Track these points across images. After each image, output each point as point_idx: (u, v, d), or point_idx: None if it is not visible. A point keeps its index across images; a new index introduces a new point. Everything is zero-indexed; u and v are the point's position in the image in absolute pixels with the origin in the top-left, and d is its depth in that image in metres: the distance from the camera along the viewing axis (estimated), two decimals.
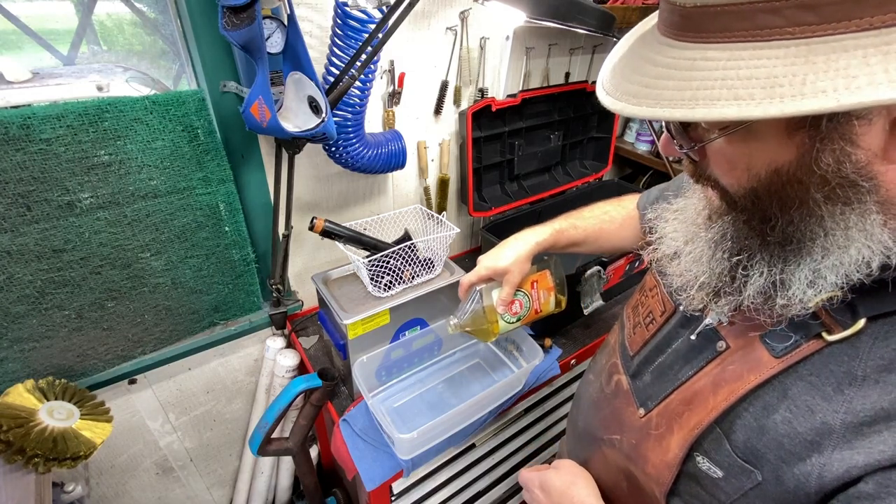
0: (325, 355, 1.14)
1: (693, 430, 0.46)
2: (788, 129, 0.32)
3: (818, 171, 0.32)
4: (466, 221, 1.46)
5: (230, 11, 0.70)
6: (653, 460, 0.51)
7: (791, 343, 0.39)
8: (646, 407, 0.53)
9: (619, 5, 1.25)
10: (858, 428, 0.35)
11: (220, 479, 1.40)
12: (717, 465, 0.45)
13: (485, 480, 1.19)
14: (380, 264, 0.93)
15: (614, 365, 0.62)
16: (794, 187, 0.34)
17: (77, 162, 0.79)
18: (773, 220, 0.36)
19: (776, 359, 0.40)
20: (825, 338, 0.37)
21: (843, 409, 0.36)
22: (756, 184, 0.36)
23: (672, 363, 0.51)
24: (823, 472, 0.36)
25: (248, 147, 0.98)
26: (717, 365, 0.46)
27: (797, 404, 0.39)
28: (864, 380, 0.35)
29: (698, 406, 0.46)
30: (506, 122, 1.30)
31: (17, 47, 0.82)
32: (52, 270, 0.84)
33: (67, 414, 0.84)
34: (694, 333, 0.49)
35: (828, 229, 0.34)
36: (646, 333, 0.57)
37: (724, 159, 0.37)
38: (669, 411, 0.50)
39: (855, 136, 0.30)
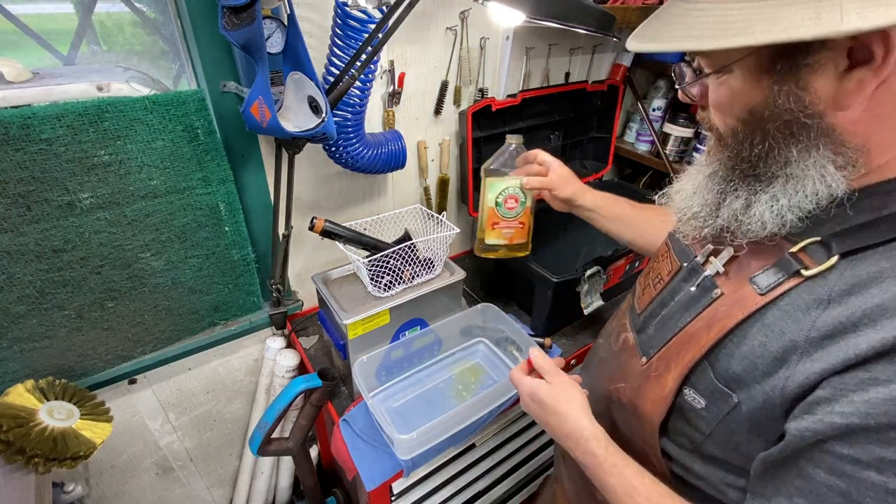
0: (325, 355, 1.14)
1: (686, 366, 0.50)
2: (758, 72, 0.40)
3: (776, 109, 0.40)
4: (466, 221, 1.46)
5: (230, 11, 0.70)
6: (651, 397, 0.55)
7: (774, 281, 0.45)
8: (648, 355, 0.58)
9: (619, 5, 1.25)
10: (819, 342, 0.39)
11: (220, 479, 1.40)
12: (700, 395, 0.49)
13: (485, 480, 1.19)
14: (380, 264, 0.93)
15: (622, 324, 0.67)
16: (761, 125, 0.41)
17: (77, 162, 0.79)
18: (747, 153, 0.43)
19: (761, 296, 0.45)
20: (803, 274, 0.43)
21: (807, 327, 0.41)
22: (737, 123, 0.44)
23: (674, 314, 0.56)
24: (787, 384, 0.41)
25: (248, 147, 0.98)
26: (713, 309, 0.50)
27: (772, 329, 0.44)
28: (830, 302, 0.40)
29: (693, 345, 0.50)
30: (506, 122, 1.30)
31: (17, 47, 0.82)
32: (52, 270, 0.84)
33: (67, 414, 0.84)
34: (695, 285, 0.54)
35: (788, 161, 0.41)
36: (653, 292, 0.62)
37: (716, 101, 0.46)
38: (668, 354, 0.54)
39: (804, 82, 0.38)
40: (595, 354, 0.75)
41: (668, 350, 0.54)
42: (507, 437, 1.17)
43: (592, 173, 1.56)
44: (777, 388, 0.42)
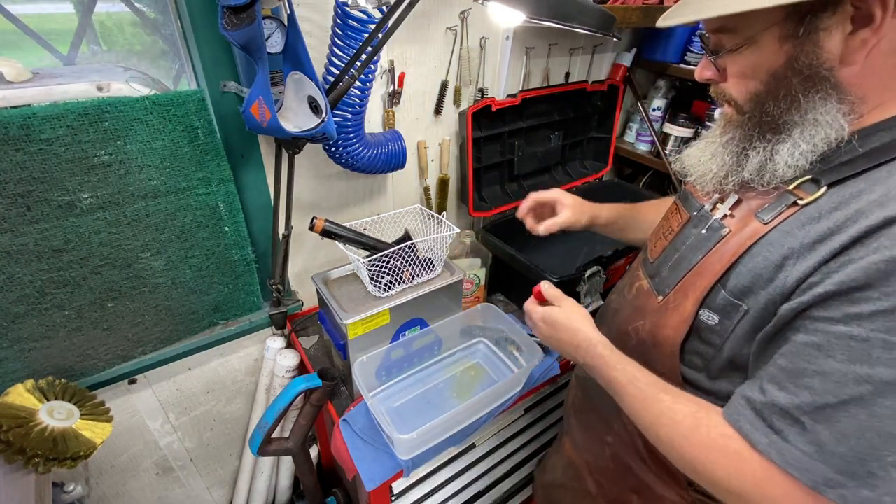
0: (325, 355, 1.14)
1: (703, 291, 0.57)
2: (781, 39, 0.47)
3: (798, 67, 0.47)
4: (466, 221, 1.46)
5: (230, 11, 0.70)
6: (671, 323, 0.62)
7: (776, 213, 0.52)
8: (663, 293, 0.64)
9: (619, 5, 1.24)
10: (811, 245, 0.47)
11: (220, 479, 1.40)
12: (714, 312, 0.57)
13: (485, 480, 1.19)
14: (380, 264, 0.93)
15: (635, 276, 0.74)
16: (783, 83, 0.49)
17: (77, 162, 0.79)
18: (771, 110, 0.51)
19: (765, 224, 0.53)
20: (798, 203, 0.51)
21: (801, 236, 0.49)
22: (760, 87, 0.51)
23: (686, 254, 0.62)
24: (786, 282, 0.48)
25: (248, 147, 0.98)
26: (724, 243, 0.57)
27: (773, 245, 0.51)
28: (819, 218, 0.48)
29: (707, 273, 0.57)
30: (506, 122, 1.30)
31: (17, 47, 0.82)
32: (52, 270, 0.84)
33: (67, 414, 0.84)
34: (705, 228, 0.60)
35: (805, 112, 0.49)
36: (665, 242, 0.69)
37: (738, 71, 0.53)
38: (685, 286, 0.60)
39: (820, 42, 0.46)
40: (607, 309, 0.82)
41: (683, 283, 0.61)
42: (507, 437, 1.17)
43: (592, 173, 1.56)
44: (777, 288, 0.49)
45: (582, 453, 0.86)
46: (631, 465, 0.75)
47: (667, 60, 1.49)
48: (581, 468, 0.87)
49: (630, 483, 0.76)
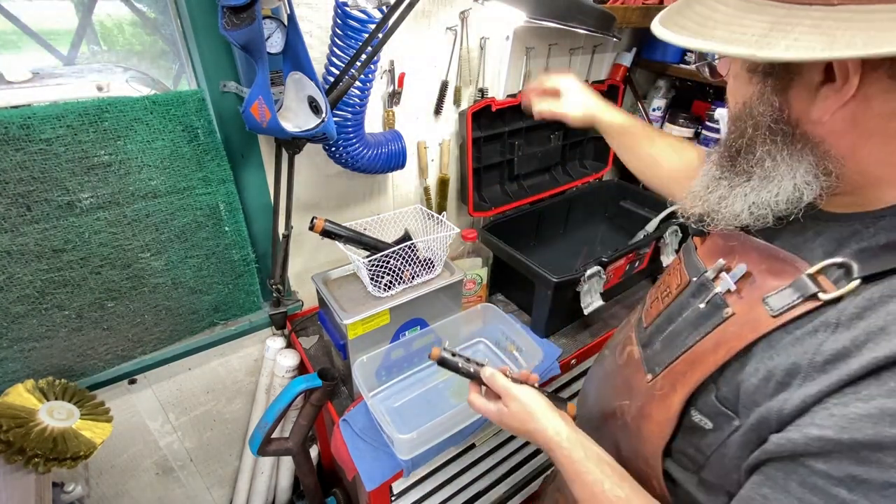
0: (325, 355, 1.14)
1: (692, 387, 0.49)
2: (750, 71, 0.42)
3: (759, 107, 0.42)
4: (466, 221, 1.46)
5: (230, 11, 0.70)
6: (656, 418, 0.54)
7: (788, 304, 0.43)
8: (653, 372, 0.56)
9: (619, 5, 1.24)
10: (822, 366, 0.38)
11: (220, 479, 1.40)
12: (707, 417, 0.49)
13: (485, 480, 1.19)
14: (380, 264, 0.93)
15: (629, 338, 0.66)
16: (747, 119, 0.44)
17: (77, 162, 0.79)
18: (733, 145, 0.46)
19: (773, 318, 0.43)
20: (820, 298, 0.40)
21: (811, 351, 0.39)
22: (735, 112, 0.46)
23: (681, 331, 0.54)
24: (784, 406, 0.40)
25: (248, 147, 0.98)
26: (722, 329, 0.49)
27: (777, 352, 0.42)
28: (838, 327, 0.39)
29: (700, 365, 0.49)
30: (506, 122, 1.30)
31: (17, 47, 0.82)
32: (52, 270, 0.84)
33: (67, 414, 0.84)
34: (703, 302, 0.52)
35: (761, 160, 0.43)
36: (661, 306, 0.61)
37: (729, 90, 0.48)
38: (674, 373, 0.53)
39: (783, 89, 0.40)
40: (600, 366, 0.74)
41: (673, 369, 0.53)
42: (507, 437, 1.17)
43: (592, 173, 1.56)
44: (773, 410, 0.41)
45: None
46: None
47: (667, 60, 1.49)
48: None
49: None
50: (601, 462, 0.55)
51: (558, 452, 0.57)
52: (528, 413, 0.62)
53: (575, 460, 0.56)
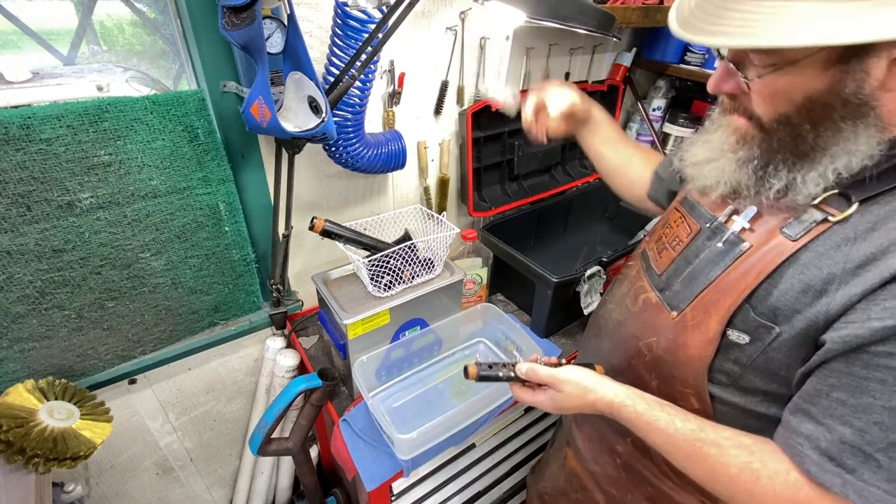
0: (325, 355, 1.14)
1: (728, 310, 0.55)
2: (826, 63, 0.43)
3: (843, 94, 0.44)
4: (466, 221, 1.46)
5: (230, 11, 0.70)
6: (694, 343, 0.59)
7: (804, 229, 0.50)
8: (678, 309, 0.62)
9: (619, 5, 1.24)
10: (854, 270, 0.45)
11: (220, 479, 1.40)
12: (743, 332, 0.54)
13: (485, 480, 1.19)
14: (380, 264, 0.93)
15: (640, 287, 0.71)
16: (822, 108, 0.45)
17: (77, 162, 0.79)
18: (804, 134, 0.47)
19: (793, 241, 0.51)
20: (830, 220, 0.48)
21: (842, 261, 0.47)
22: (791, 109, 0.47)
23: (702, 268, 0.60)
24: (830, 308, 0.46)
25: (248, 147, 0.98)
26: (745, 259, 0.55)
27: (808, 267, 0.49)
28: (856, 239, 0.47)
29: (732, 291, 0.55)
30: (506, 122, 1.30)
31: (17, 47, 0.82)
32: (52, 270, 0.84)
33: (67, 414, 0.84)
34: (721, 241, 0.58)
35: (840, 139, 0.46)
36: (673, 254, 0.66)
37: (767, 91, 0.48)
38: (705, 303, 0.58)
39: (870, 69, 0.42)
40: (607, 318, 0.78)
41: (702, 300, 0.58)
42: (507, 437, 1.17)
43: (592, 173, 1.56)
44: (821, 314, 0.47)
45: (587, 463, 0.84)
46: (645, 474, 0.73)
47: (667, 60, 1.49)
48: (586, 479, 0.85)
49: (644, 492, 0.74)
50: (663, 406, 0.59)
51: (624, 411, 0.61)
52: (583, 388, 0.64)
53: (642, 413, 0.59)
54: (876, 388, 0.44)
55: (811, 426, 0.48)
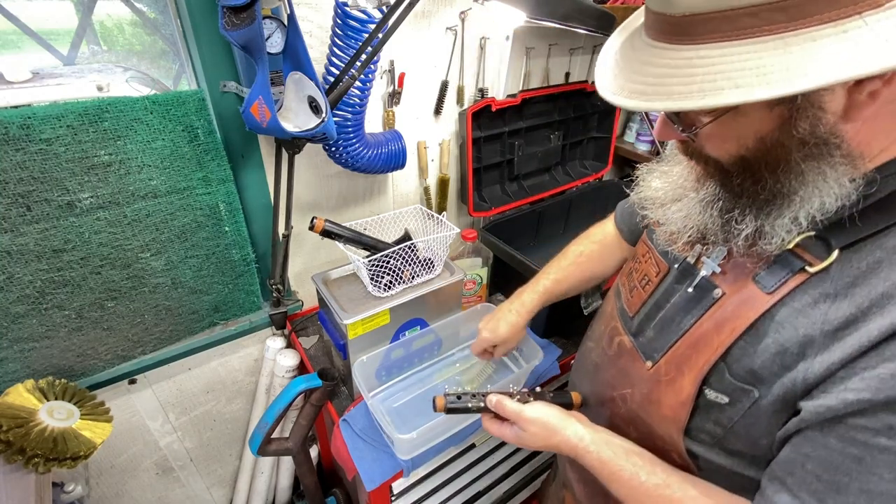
0: (325, 355, 1.14)
1: (703, 368, 0.51)
2: (770, 104, 0.39)
3: (797, 134, 0.39)
4: (466, 221, 1.46)
5: (230, 11, 0.70)
6: (667, 402, 0.55)
7: (779, 280, 0.46)
8: (653, 359, 0.58)
9: (619, 5, 1.25)
10: (834, 334, 0.41)
11: (220, 479, 1.40)
12: (722, 393, 0.50)
13: (485, 480, 1.19)
14: (380, 264, 0.93)
15: (614, 328, 0.66)
16: (777, 150, 0.41)
17: (77, 162, 0.79)
18: (763, 180, 0.43)
19: (768, 294, 0.46)
20: (808, 270, 0.44)
21: (820, 321, 0.42)
22: (745, 152, 0.43)
23: (673, 315, 0.56)
24: (808, 375, 0.42)
25: (248, 147, 0.98)
26: (717, 309, 0.51)
27: (784, 326, 0.45)
28: (836, 296, 0.42)
29: (705, 347, 0.51)
30: (506, 122, 1.30)
31: (17, 47, 0.82)
32: (52, 270, 0.84)
33: (67, 414, 0.84)
34: (691, 286, 0.54)
35: (807, 181, 0.41)
36: (643, 294, 0.62)
37: (715, 136, 0.44)
38: (677, 357, 0.54)
39: (823, 104, 0.38)
40: (587, 358, 0.75)
41: (675, 353, 0.54)
42: None
43: (592, 173, 1.56)
44: (798, 381, 0.43)
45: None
46: None
47: None
48: None
49: None
50: (630, 454, 0.56)
51: (587, 457, 0.59)
52: (547, 430, 0.63)
53: (606, 461, 0.57)
54: (851, 466, 0.40)
55: (787, 497, 0.44)
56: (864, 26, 0.32)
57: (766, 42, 0.34)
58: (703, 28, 0.36)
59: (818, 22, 0.33)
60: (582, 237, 0.91)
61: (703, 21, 0.36)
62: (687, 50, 0.37)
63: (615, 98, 0.41)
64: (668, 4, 0.37)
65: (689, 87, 0.36)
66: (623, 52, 0.44)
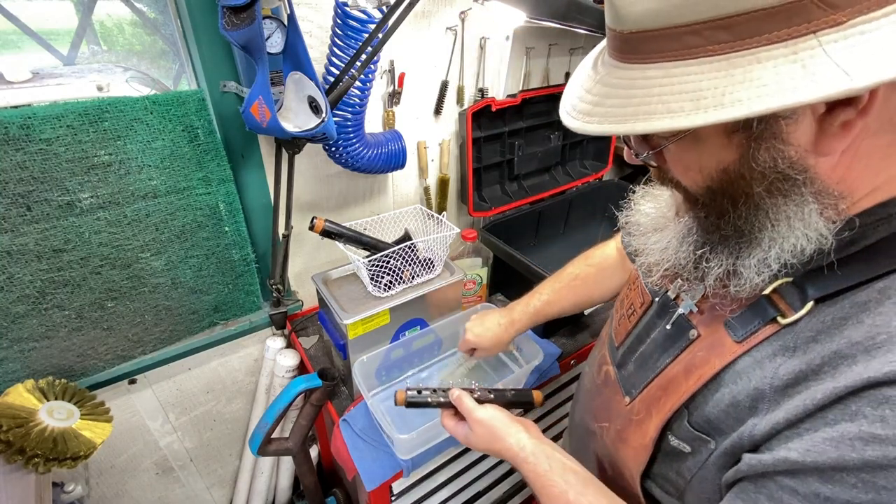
0: (325, 355, 1.14)
1: (667, 413, 0.49)
2: (727, 131, 0.36)
3: (756, 167, 0.36)
4: (466, 221, 1.46)
5: (230, 11, 0.70)
6: (632, 443, 0.54)
7: (751, 328, 0.43)
8: (630, 395, 0.56)
9: None
10: (783, 390, 0.39)
11: (220, 479, 1.40)
12: (684, 441, 0.48)
13: (485, 480, 1.19)
14: (380, 264, 0.93)
15: (603, 356, 0.66)
16: (739, 183, 0.38)
17: (77, 162, 0.79)
18: (726, 214, 0.40)
19: (737, 343, 0.43)
20: (780, 321, 0.41)
21: (770, 375, 0.40)
22: (710, 182, 0.40)
23: (651, 352, 0.54)
24: (755, 431, 0.40)
25: (248, 147, 0.98)
26: (690, 352, 0.49)
27: (741, 377, 0.43)
28: (795, 350, 0.39)
29: (673, 391, 0.49)
30: (506, 122, 1.30)
31: (17, 47, 0.82)
32: (52, 270, 0.84)
33: (67, 414, 0.84)
34: (669, 323, 0.52)
35: (773, 220, 0.38)
36: (628, 325, 0.60)
37: (679, 163, 0.42)
38: (649, 397, 0.53)
39: (784, 135, 0.34)
40: (582, 382, 0.74)
41: (648, 393, 0.53)
42: None
43: (592, 173, 1.57)
44: (745, 435, 0.41)
45: None
46: None
47: None
48: None
49: None
50: (566, 471, 0.55)
51: (524, 467, 0.58)
52: (491, 434, 0.62)
53: (540, 474, 0.56)
54: None
55: None
56: (817, 47, 0.29)
57: (711, 63, 0.31)
58: (649, 47, 0.34)
59: (766, 42, 0.30)
60: (580, 258, 0.89)
61: (649, 39, 0.33)
62: (633, 69, 0.35)
63: (564, 117, 0.40)
64: (617, 20, 0.35)
65: (625, 109, 0.34)
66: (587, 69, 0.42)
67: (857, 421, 0.34)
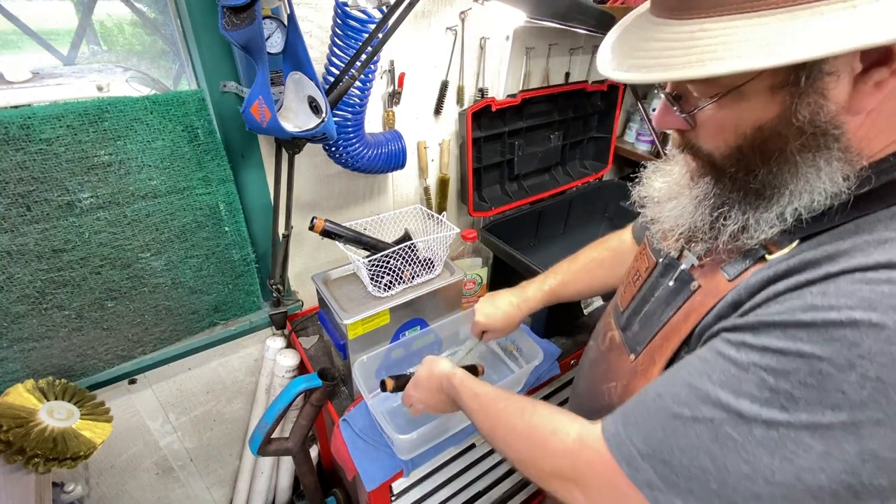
0: (325, 355, 1.14)
1: (667, 357, 0.52)
2: (773, 88, 0.37)
3: (796, 122, 0.37)
4: (466, 221, 1.46)
5: (230, 11, 0.70)
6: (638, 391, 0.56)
7: (742, 268, 0.46)
8: (636, 352, 0.59)
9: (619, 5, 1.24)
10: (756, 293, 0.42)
11: (220, 479, 1.40)
12: None
13: (485, 480, 1.19)
14: (380, 264, 0.93)
15: (608, 324, 0.68)
16: (774, 140, 0.39)
17: (77, 162, 0.79)
18: (756, 170, 0.42)
19: (730, 282, 0.47)
20: (767, 258, 0.44)
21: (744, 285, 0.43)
22: (742, 142, 0.41)
23: (656, 309, 0.57)
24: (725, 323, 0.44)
25: (248, 147, 0.98)
26: (691, 301, 0.51)
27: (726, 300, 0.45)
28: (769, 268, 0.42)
29: (673, 336, 0.52)
30: (506, 122, 1.30)
31: (17, 47, 0.82)
32: (52, 270, 0.84)
33: (67, 414, 0.84)
34: (672, 279, 0.55)
35: (800, 174, 0.39)
36: (633, 289, 0.63)
37: (714, 123, 0.43)
38: (652, 348, 0.55)
39: (826, 91, 0.36)
40: (585, 355, 0.76)
41: (652, 345, 0.55)
42: None
43: (592, 173, 1.57)
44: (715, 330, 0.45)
45: None
46: None
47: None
48: None
49: None
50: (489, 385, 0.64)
51: (454, 380, 0.67)
52: (428, 367, 0.73)
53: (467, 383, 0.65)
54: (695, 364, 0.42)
55: None
56: None
57: (773, 16, 0.33)
58: (707, 3, 0.35)
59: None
60: (597, 243, 0.89)
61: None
62: (690, 24, 0.36)
63: (614, 73, 0.40)
64: None
65: (689, 57, 0.35)
66: (627, 32, 0.44)
67: (803, 298, 0.37)
